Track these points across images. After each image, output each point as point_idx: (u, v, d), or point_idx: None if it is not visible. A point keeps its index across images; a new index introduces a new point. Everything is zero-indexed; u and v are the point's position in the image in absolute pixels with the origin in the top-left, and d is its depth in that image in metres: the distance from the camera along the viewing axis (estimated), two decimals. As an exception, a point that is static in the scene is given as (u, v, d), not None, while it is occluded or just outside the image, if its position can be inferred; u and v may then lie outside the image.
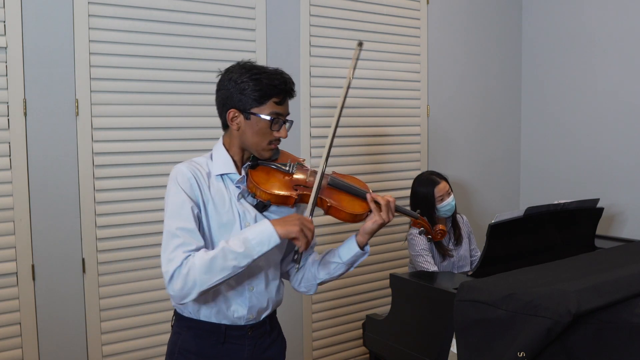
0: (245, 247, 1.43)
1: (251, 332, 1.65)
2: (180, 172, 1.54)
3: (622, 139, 3.34)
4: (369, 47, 3.15)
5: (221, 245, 1.45)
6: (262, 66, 1.58)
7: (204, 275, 1.42)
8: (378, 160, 3.22)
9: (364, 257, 1.69)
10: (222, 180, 1.60)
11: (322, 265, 1.72)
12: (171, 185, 1.53)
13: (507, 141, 3.86)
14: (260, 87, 1.53)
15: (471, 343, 1.87)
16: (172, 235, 1.47)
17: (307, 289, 1.78)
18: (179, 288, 1.43)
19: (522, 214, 2.52)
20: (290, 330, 2.98)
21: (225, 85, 1.57)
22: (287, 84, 1.57)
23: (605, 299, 1.73)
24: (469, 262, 2.96)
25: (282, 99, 1.57)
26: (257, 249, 1.44)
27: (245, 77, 1.53)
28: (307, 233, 1.46)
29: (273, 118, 1.55)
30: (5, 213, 2.25)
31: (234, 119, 1.57)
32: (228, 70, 1.59)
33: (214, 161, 1.61)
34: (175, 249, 1.45)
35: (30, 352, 2.30)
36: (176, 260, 1.44)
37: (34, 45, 2.27)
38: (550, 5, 3.71)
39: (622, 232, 3.35)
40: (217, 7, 2.66)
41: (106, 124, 2.43)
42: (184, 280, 1.43)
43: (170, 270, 1.44)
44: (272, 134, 1.57)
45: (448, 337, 2.20)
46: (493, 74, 3.76)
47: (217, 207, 1.56)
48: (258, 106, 1.54)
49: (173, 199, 1.51)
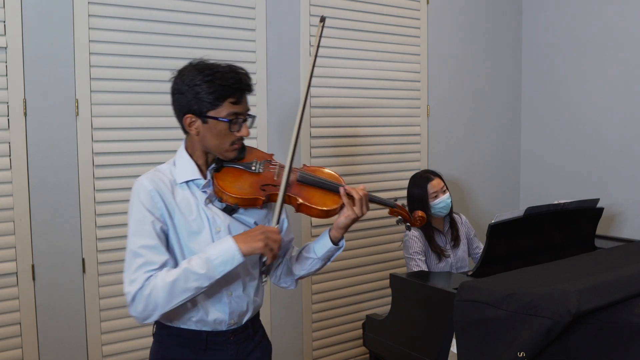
0: (207, 267, 1.41)
1: (233, 337, 1.62)
2: (142, 187, 1.50)
3: (622, 139, 3.34)
4: (369, 47, 3.15)
5: (183, 266, 1.43)
6: (215, 64, 1.51)
7: (166, 297, 1.41)
8: (378, 160, 3.22)
9: (339, 252, 1.67)
10: (187, 187, 1.55)
11: (299, 261, 1.71)
12: (133, 201, 1.50)
13: (507, 141, 3.86)
14: (213, 89, 1.46)
15: (471, 343, 1.87)
16: (135, 255, 1.45)
17: (286, 284, 1.77)
18: (140, 310, 1.42)
19: (522, 214, 2.52)
20: (290, 330, 2.99)
21: (179, 89, 1.50)
22: (242, 82, 1.51)
23: (605, 299, 1.73)
24: (468, 264, 2.95)
25: (239, 98, 1.51)
26: (220, 269, 1.42)
27: (198, 80, 1.47)
28: (273, 245, 1.44)
29: (231, 119, 1.49)
30: (5, 213, 2.25)
31: (191, 124, 1.52)
32: (180, 72, 1.52)
33: (177, 168, 1.56)
34: (138, 269, 1.44)
35: (30, 352, 2.30)
36: (138, 281, 1.42)
37: (34, 45, 2.27)
38: (550, 5, 3.71)
39: (622, 232, 3.35)
40: (217, 7, 2.66)
41: (106, 124, 2.43)
42: (145, 302, 1.42)
43: (132, 292, 1.42)
44: (233, 135, 1.52)
45: (448, 337, 2.20)
46: (493, 74, 3.76)
47: (185, 215, 1.53)
48: (214, 109, 1.48)
49: (134, 216, 1.49)
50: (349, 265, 3.14)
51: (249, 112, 1.56)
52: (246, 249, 1.43)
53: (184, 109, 1.51)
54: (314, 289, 3.03)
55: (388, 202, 1.73)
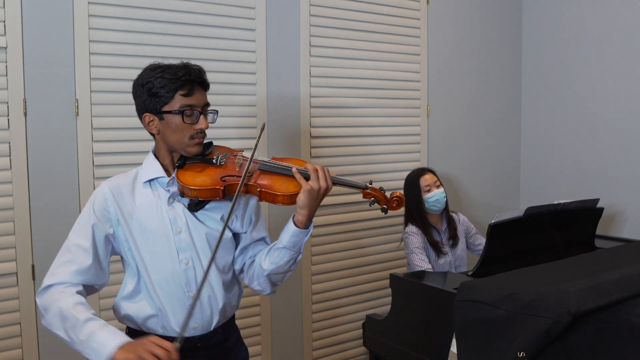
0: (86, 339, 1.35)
1: (200, 344, 1.59)
2: (99, 191, 1.56)
3: (622, 139, 3.34)
4: (369, 47, 3.15)
5: (85, 316, 1.38)
6: (169, 64, 1.56)
7: (54, 319, 1.42)
8: (378, 160, 3.22)
9: (306, 237, 1.56)
10: (150, 187, 1.58)
11: (268, 254, 1.61)
12: (87, 204, 1.57)
13: (507, 141, 3.86)
14: (164, 82, 1.50)
15: (471, 343, 1.87)
16: (66, 249, 1.51)
17: (261, 287, 1.65)
18: (40, 304, 1.46)
19: (522, 214, 2.52)
20: (290, 330, 2.99)
21: (136, 92, 1.56)
22: (192, 74, 1.52)
23: (605, 299, 1.73)
24: (466, 262, 2.96)
25: (190, 90, 1.52)
26: (87, 352, 1.36)
27: (151, 77, 1.52)
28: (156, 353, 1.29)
29: (183, 110, 1.51)
30: (5, 213, 2.26)
31: (150, 123, 1.55)
32: (137, 76, 1.57)
33: (142, 168, 1.61)
34: (63, 264, 1.49)
35: (30, 352, 2.30)
36: (57, 277, 1.47)
37: (34, 45, 2.27)
38: (550, 5, 3.71)
39: (622, 232, 3.35)
40: (217, 7, 2.66)
41: (106, 124, 2.43)
42: (46, 302, 1.45)
43: (46, 283, 1.47)
44: (191, 127, 1.53)
45: (448, 337, 2.20)
46: (493, 74, 3.76)
47: (143, 216, 1.54)
48: (167, 103, 1.51)
49: (82, 216, 1.55)
50: (349, 265, 3.14)
51: (209, 106, 1.58)
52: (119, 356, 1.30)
53: (142, 109, 1.56)
54: (314, 289, 3.03)
55: (358, 184, 1.64)
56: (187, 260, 1.57)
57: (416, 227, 2.83)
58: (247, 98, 2.76)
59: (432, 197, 2.80)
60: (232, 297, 1.67)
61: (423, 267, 2.78)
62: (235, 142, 2.36)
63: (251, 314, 2.81)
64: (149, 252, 1.55)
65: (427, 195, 2.80)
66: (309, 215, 1.53)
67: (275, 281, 1.65)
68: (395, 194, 1.65)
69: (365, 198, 1.65)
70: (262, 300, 2.85)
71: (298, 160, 1.63)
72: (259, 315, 2.85)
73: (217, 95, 2.50)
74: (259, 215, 1.72)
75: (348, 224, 3.11)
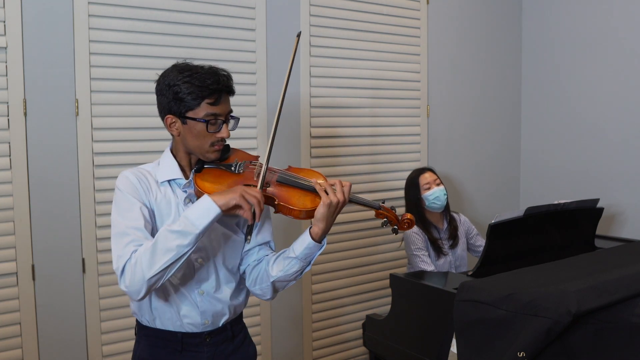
0: (185, 224, 1.38)
1: (209, 339, 1.60)
2: (124, 178, 1.53)
3: (622, 138, 3.34)
4: (369, 47, 3.15)
5: (162, 228, 1.41)
6: (197, 66, 1.53)
7: (149, 260, 1.38)
8: (378, 160, 3.22)
9: (319, 251, 1.56)
10: (168, 186, 1.57)
11: (277, 261, 1.60)
12: (116, 192, 1.52)
13: (507, 141, 3.86)
14: (192, 89, 1.47)
15: (471, 343, 1.87)
16: (122, 234, 1.45)
17: (262, 291, 1.63)
18: (128, 282, 1.40)
19: (522, 214, 2.52)
20: (290, 330, 2.99)
21: (161, 90, 1.53)
22: (221, 83, 1.50)
23: (605, 299, 1.73)
24: (467, 262, 2.96)
25: (217, 99, 1.50)
26: (197, 223, 1.38)
27: (178, 80, 1.49)
28: (250, 199, 1.39)
29: (208, 120, 1.49)
30: (5, 213, 2.25)
31: (172, 125, 1.54)
32: (163, 74, 1.54)
33: (160, 167, 1.59)
34: (125, 246, 1.43)
35: (30, 352, 2.30)
36: (125, 256, 1.42)
37: (34, 45, 2.27)
38: (550, 5, 3.71)
39: (622, 232, 3.35)
40: (217, 7, 2.66)
41: (106, 124, 2.43)
42: (132, 272, 1.39)
43: (120, 266, 1.41)
44: (213, 136, 1.52)
45: (448, 337, 2.20)
46: (493, 74, 3.76)
47: (162, 214, 1.54)
48: (192, 109, 1.49)
49: (120, 204, 1.50)
50: (349, 265, 3.14)
51: (232, 113, 1.57)
52: (221, 201, 1.39)
53: (165, 110, 1.54)
54: (314, 289, 3.03)
55: (372, 204, 1.64)
56: (201, 259, 1.57)
57: (417, 227, 2.83)
58: (247, 98, 2.76)
59: (432, 195, 2.80)
60: (241, 296, 1.68)
61: (427, 269, 2.78)
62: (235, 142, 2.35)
63: (251, 314, 2.81)
64: None
65: (427, 192, 2.80)
66: (325, 229, 1.52)
67: (278, 288, 1.64)
68: (407, 216, 1.67)
69: (377, 217, 1.67)
70: (262, 301, 2.85)
71: (313, 172, 1.63)
72: (259, 315, 2.85)
73: (217, 95, 2.50)
74: (268, 219, 1.72)
75: (348, 224, 3.11)
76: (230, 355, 1.65)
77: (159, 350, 1.59)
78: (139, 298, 1.43)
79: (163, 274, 1.40)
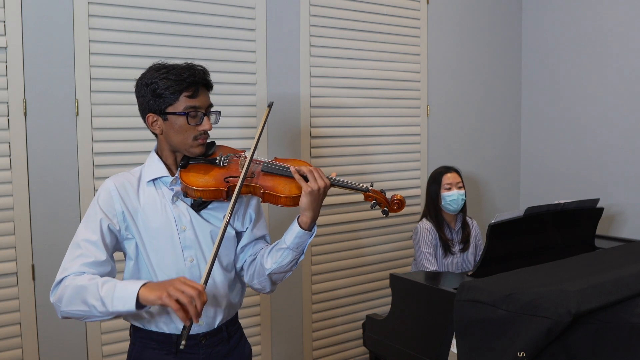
0: (108, 294, 1.37)
1: (205, 341, 1.60)
2: (104, 187, 1.56)
3: (622, 138, 3.34)
4: (369, 47, 3.15)
5: (101, 280, 1.41)
6: (173, 64, 1.56)
7: (70, 298, 1.41)
8: (378, 160, 3.22)
9: (310, 239, 1.56)
10: (154, 186, 1.58)
11: (270, 253, 1.60)
12: (92, 201, 1.56)
13: (507, 141, 3.87)
14: (169, 84, 1.51)
15: (471, 343, 1.87)
16: (76, 246, 1.49)
17: (261, 285, 1.64)
18: (55, 299, 1.44)
19: (522, 214, 2.52)
20: (290, 330, 2.99)
21: (140, 91, 1.56)
22: (197, 76, 1.53)
23: (605, 299, 1.73)
24: (472, 265, 2.96)
25: (194, 92, 1.53)
26: (114, 303, 1.36)
27: (155, 78, 1.52)
28: (180, 297, 1.28)
29: (187, 112, 1.52)
30: (5, 213, 2.25)
31: (153, 123, 1.56)
32: (140, 76, 1.57)
33: (146, 167, 1.62)
34: (74, 259, 1.47)
35: (30, 352, 2.30)
36: (68, 270, 1.45)
37: (34, 45, 2.27)
38: (550, 5, 3.71)
39: (622, 232, 3.35)
40: (217, 7, 2.66)
41: (106, 124, 2.43)
42: (60, 293, 1.43)
43: (58, 279, 1.45)
44: (194, 129, 1.54)
45: (448, 337, 2.20)
46: (493, 74, 3.76)
47: (147, 214, 1.55)
48: (172, 104, 1.52)
49: (88, 212, 1.55)
50: (349, 265, 3.14)
51: (212, 107, 1.59)
52: (146, 296, 1.33)
53: (145, 109, 1.56)
54: (314, 289, 3.03)
55: (358, 187, 1.63)
56: (191, 257, 1.58)
57: (430, 223, 2.86)
58: (247, 98, 2.76)
59: (450, 197, 2.82)
60: (235, 295, 1.68)
61: (429, 268, 2.79)
62: (235, 142, 2.35)
63: (251, 314, 2.81)
64: (154, 250, 1.55)
65: (446, 193, 2.83)
66: (313, 216, 1.53)
67: (276, 280, 1.65)
68: (396, 197, 1.64)
69: (366, 200, 1.65)
70: (262, 300, 2.85)
71: (300, 162, 1.63)
72: (259, 315, 2.85)
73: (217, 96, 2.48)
74: (259, 213, 1.72)
75: (348, 224, 3.11)
76: (226, 357, 1.65)
77: (154, 352, 1.58)
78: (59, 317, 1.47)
79: (76, 316, 1.43)
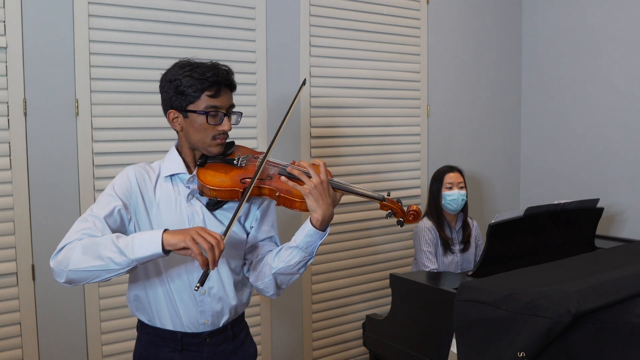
0: (127, 244, 1.36)
1: (210, 339, 1.60)
2: (124, 174, 1.55)
3: (623, 138, 3.34)
4: (369, 47, 3.15)
5: (114, 235, 1.39)
6: (198, 62, 1.55)
7: (80, 256, 1.36)
8: (378, 160, 3.22)
9: (321, 240, 1.52)
10: (171, 182, 1.58)
11: (278, 253, 1.57)
12: (109, 184, 1.54)
13: (507, 141, 3.86)
14: (192, 82, 1.50)
15: (471, 343, 1.87)
16: (83, 220, 1.46)
17: (264, 286, 1.60)
18: (57, 262, 1.39)
19: (522, 214, 2.52)
20: (290, 330, 2.99)
21: (163, 87, 1.56)
22: (220, 75, 1.52)
23: (605, 299, 1.73)
24: (473, 266, 2.96)
25: (217, 91, 1.52)
26: (136, 250, 1.35)
27: (179, 75, 1.51)
28: (202, 242, 1.31)
29: (208, 112, 1.51)
30: (5, 213, 2.25)
31: (174, 120, 1.56)
32: (166, 71, 1.57)
33: (165, 162, 1.61)
34: (78, 231, 1.43)
35: (30, 352, 2.30)
36: (71, 237, 1.42)
37: (34, 45, 2.27)
38: (550, 5, 3.71)
39: (622, 232, 3.35)
40: (217, 7, 2.66)
41: (106, 124, 2.43)
42: (64, 256, 1.38)
43: (61, 245, 1.41)
44: (214, 128, 1.53)
45: (448, 337, 2.20)
46: (493, 74, 3.76)
47: (161, 209, 1.55)
48: (193, 102, 1.52)
49: (104, 194, 1.52)
50: (349, 265, 3.14)
51: (233, 107, 1.58)
52: (170, 240, 1.33)
53: (167, 105, 1.56)
54: (314, 289, 3.03)
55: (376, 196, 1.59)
56: None
57: (430, 222, 2.86)
58: (247, 98, 2.76)
59: (450, 196, 2.83)
60: (242, 296, 1.67)
61: (428, 267, 2.79)
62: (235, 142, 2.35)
63: (251, 314, 2.81)
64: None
65: (447, 192, 2.84)
66: (323, 214, 1.48)
67: (281, 283, 1.59)
68: (412, 208, 1.59)
69: (382, 210, 1.61)
70: (262, 300, 2.85)
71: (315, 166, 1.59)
72: (259, 315, 2.85)
73: (217, 95, 2.50)
74: (267, 214, 1.70)
75: (348, 224, 3.11)
76: (230, 355, 1.65)
77: (159, 349, 1.59)
78: (59, 282, 1.42)
79: (84, 277, 1.38)
